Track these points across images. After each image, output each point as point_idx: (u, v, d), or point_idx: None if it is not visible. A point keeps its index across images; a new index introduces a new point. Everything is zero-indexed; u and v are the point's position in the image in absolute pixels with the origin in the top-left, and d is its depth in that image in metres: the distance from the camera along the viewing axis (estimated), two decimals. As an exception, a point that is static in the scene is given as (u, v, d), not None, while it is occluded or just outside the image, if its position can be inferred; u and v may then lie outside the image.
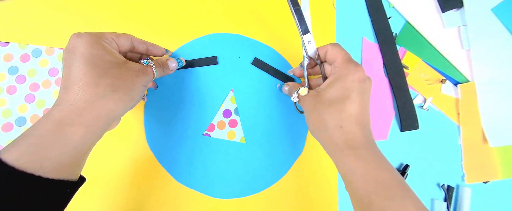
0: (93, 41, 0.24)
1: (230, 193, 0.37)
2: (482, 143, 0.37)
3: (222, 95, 0.38)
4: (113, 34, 0.28)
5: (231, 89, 0.38)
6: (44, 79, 0.37)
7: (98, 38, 0.25)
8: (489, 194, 0.37)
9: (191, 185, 0.37)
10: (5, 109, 0.36)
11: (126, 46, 0.29)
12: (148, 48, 0.31)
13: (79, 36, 0.25)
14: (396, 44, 0.39)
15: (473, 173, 0.37)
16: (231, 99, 0.38)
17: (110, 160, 0.37)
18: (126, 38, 0.29)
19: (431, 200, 0.37)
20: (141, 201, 0.36)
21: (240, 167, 0.37)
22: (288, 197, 0.37)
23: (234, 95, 0.38)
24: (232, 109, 0.38)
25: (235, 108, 0.38)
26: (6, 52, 0.37)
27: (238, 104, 0.38)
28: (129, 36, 0.29)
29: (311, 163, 0.38)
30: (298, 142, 0.38)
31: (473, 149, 0.38)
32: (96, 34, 0.26)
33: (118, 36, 0.28)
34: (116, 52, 0.26)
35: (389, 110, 0.39)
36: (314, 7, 0.40)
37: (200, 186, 0.37)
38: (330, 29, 0.40)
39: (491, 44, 0.38)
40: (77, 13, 0.38)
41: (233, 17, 0.40)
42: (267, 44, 0.39)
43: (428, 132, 0.38)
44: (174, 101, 0.38)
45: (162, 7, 0.39)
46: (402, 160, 0.38)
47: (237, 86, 0.38)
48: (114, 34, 0.28)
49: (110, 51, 0.26)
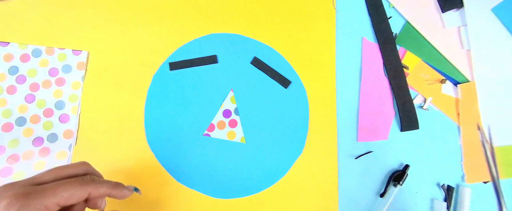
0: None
1: (230, 193, 0.37)
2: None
3: (222, 95, 0.38)
4: (58, 194, 0.18)
5: (231, 90, 0.38)
6: (44, 79, 0.37)
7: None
8: (489, 194, 0.37)
9: (191, 185, 0.37)
10: (5, 109, 0.36)
11: (73, 200, 0.19)
12: (110, 195, 0.23)
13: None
14: (396, 44, 0.39)
15: (473, 173, 0.37)
16: (231, 99, 0.38)
17: (110, 160, 0.37)
18: (67, 190, 0.19)
19: (431, 200, 0.37)
20: (141, 201, 0.36)
21: (240, 167, 0.37)
22: (288, 197, 0.37)
23: (234, 95, 0.38)
24: (232, 109, 0.38)
25: (235, 107, 0.38)
26: (6, 52, 0.37)
27: (238, 104, 0.38)
28: (85, 191, 0.20)
29: (311, 163, 0.38)
30: (298, 142, 0.38)
31: (473, 149, 0.38)
32: (28, 197, 0.17)
33: (70, 197, 0.19)
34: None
35: (389, 110, 0.39)
36: (314, 7, 0.40)
37: (200, 186, 0.37)
38: (330, 29, 0.40)
39: (491, 44, 0.38)
40: (77, 13, 0.38)
41: (233, 17, 0.40)
42: (266, 44, 0.39)
43: (428, 132, 0.38)
44: (174, 101, 0.38)
45: (162, 8, 0.39)
46: (402, 160, 0.38)
47: (237, 86, 0.38)
48: (61, 195, 0.18)
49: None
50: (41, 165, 0.35)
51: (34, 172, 0.35)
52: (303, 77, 0.39)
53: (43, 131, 0.36)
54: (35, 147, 0.36)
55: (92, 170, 0.24)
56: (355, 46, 0.40)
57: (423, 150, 0.38)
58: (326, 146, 0.38)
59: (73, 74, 0.38)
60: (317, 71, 0.39)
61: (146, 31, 0.39)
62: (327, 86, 0.39)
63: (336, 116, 0.39)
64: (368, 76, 0.39)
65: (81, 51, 0.38)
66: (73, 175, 0.21)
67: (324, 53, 0.40)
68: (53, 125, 0.37)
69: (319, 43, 0.40)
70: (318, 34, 0.40)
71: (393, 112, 0.39)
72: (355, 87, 0.39)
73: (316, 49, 0.40)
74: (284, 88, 0.38)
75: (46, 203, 0.17)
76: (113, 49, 0.38)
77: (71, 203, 0.19)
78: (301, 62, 0.39)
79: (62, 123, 0.37)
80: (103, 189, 0.21)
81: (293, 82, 0.39)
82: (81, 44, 0.38)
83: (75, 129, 0.37)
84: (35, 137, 0.36)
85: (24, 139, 0.36)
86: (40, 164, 0.35)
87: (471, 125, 0.38)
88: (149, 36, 0.39)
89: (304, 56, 0.39)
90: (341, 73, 0.40)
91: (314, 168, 0.38)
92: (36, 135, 0.36)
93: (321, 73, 0.39)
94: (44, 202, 0.17)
